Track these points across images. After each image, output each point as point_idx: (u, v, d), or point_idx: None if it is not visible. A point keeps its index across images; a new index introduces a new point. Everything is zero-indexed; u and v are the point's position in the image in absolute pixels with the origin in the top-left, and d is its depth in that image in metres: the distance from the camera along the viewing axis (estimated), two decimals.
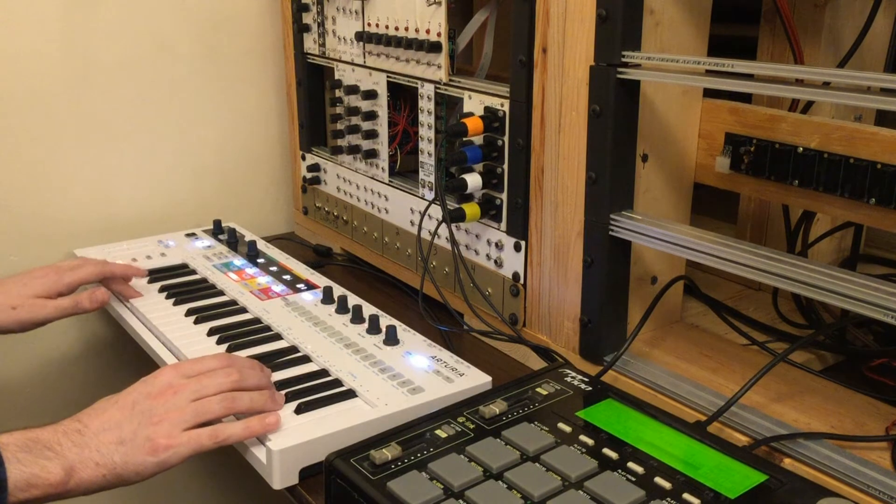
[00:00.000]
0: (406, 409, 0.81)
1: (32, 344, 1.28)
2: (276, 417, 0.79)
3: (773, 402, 0.82)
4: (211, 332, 0.98)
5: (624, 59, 0.81)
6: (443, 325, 1.03)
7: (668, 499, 0.63)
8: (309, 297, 1.08)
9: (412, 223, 1.14)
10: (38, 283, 1.02)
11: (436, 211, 1.06)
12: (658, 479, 0.65)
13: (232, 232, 1.29)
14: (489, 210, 1.00)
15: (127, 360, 1.35)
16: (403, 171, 1.19)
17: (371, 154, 1.19)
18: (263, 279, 1.14)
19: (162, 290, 1.11)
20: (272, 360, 0.91)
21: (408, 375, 0.87)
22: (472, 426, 0.73)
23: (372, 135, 1.18)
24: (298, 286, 1.12)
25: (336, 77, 1.24)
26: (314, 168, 1.35)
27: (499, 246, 1.00)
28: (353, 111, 1.20)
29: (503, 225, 0.99)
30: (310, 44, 1.30)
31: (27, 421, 0.75)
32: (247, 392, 0.81)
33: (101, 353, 1.35)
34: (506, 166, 0.96)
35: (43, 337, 1.28)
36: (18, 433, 0.72)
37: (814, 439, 0.74)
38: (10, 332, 1.01)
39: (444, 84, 1.03)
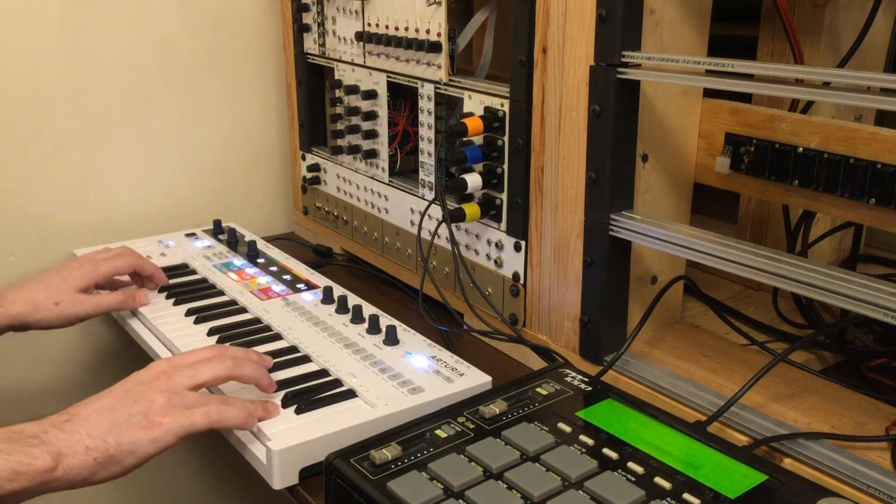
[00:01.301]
0: (406, 409, 0.81)
1: (30, 341, 1.28)
2: (267, 411, 0.79)
3: (773, 402, 0.82)
4: (211, 332, 0.98)
5: (624, 59, 0.81)
6: (443, 325, 1.03)
7: (668, 499, 0.63)
8: (309, 297, 1.08)
9: (412, 223, 1.14)
10: (76, 274, 1.03)
11: (436, 211, 1.05)
12: (658, 479, 0.65)
13: (232, 232, 1.29)
14: (489, 210, 1.00)
15: (126, 359, 1.35)
16: (403, 171, 1.19)
17: (371, 154, 1.19)
18: (263, 279, 1.14)
19: (162, 289, 1.11)
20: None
21: (408, 375, 0.87)
22: (472, 426, 0.73)
23: (372, 135, 1.18)
24: (298, 286, 1.12)
25: (336, 77, 1.24)
26: (314, 168, 1.35)
27: (499, 246, 1.00)
28: (353, 111, 1.20)
29: (503, 225, 0.99)
30: (310, 44, 1.30)
31: (25, 421, 0.74)
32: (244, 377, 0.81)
33: (100, 351, 1.35)
34: (506, 166, 0.96)
35: (41, 335, 1.27)
36: (2, 428, 0.71)
37: (814, 439, 0.74)
38: (53, 327, 1.02)
39: (444, 84, 1.03)
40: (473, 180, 0.98)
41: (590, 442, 0.70)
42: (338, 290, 1.08)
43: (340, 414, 0.81)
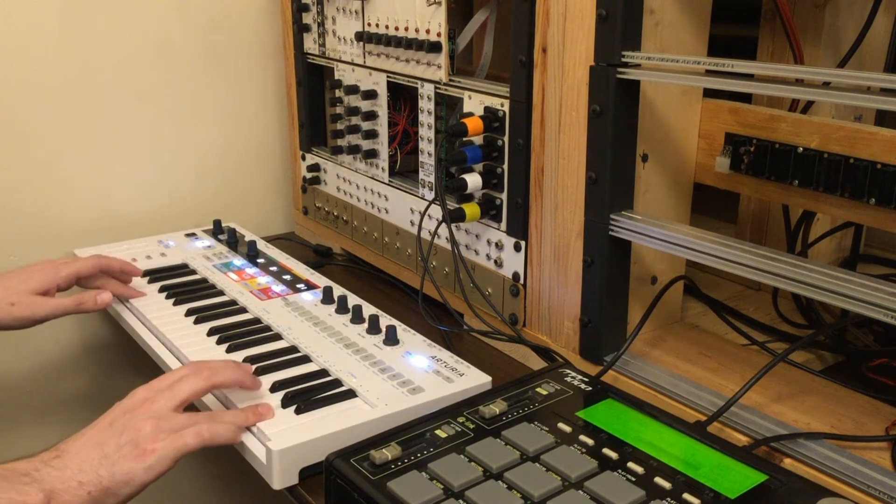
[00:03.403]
0: (406, 409, 0.81)
1: (31, 342, 1.28)
2: (259, 415, 0.80)
3: (773, 402, 0.82)
4: (211, 332, 0.98)
5: (624, 59, 0.81)
6: (443, 325, 1.03)
7: (668, 499, 0.63)
8: (309, 297, 1.08)
9: (412, 223, 1.14)
10: (36, 277, 1.02)
11: (436, 211, 1.05)
12: (658, 479, 0.65)
13: (232, 232, 1.29)
14: (489, 210, 1.00)
15: (127, 360, 1.35)
16: (403, 171, 1.19)
17: (371, 154, 1.19)
18: (263, 279, 1.14)
19: (162, 290, 1.11)
20: (272, 360, 0.91)
21: (408, 375, 0.87)
22: (472, 426, 0.73)
23: (372, 135, 1.18)
24: (298, 286, 1.12)
25: (336, 77, 1.24)
26: (314, 168, 1.35)
27: (499, 246, 1.00)
28: (353, 111, 1.20)
29: (503, 225, 0.99)
30: (310, 44, 1.30)
31: (26, 423, 0.74)
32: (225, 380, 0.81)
33: (100, 352, 1.35)
34: (506, 166, 0.96)
35: (41, 335, 1.28)
36: None
37: (814, 439, 0.75)
38: (9, 328, 1.00)
39: (444, 84, 1.03)
40: (473, 180, 0.98)
41: (590, 442, 0.70)
42: (338, 290, 1.08)
43: (340, 414, 0.81)
